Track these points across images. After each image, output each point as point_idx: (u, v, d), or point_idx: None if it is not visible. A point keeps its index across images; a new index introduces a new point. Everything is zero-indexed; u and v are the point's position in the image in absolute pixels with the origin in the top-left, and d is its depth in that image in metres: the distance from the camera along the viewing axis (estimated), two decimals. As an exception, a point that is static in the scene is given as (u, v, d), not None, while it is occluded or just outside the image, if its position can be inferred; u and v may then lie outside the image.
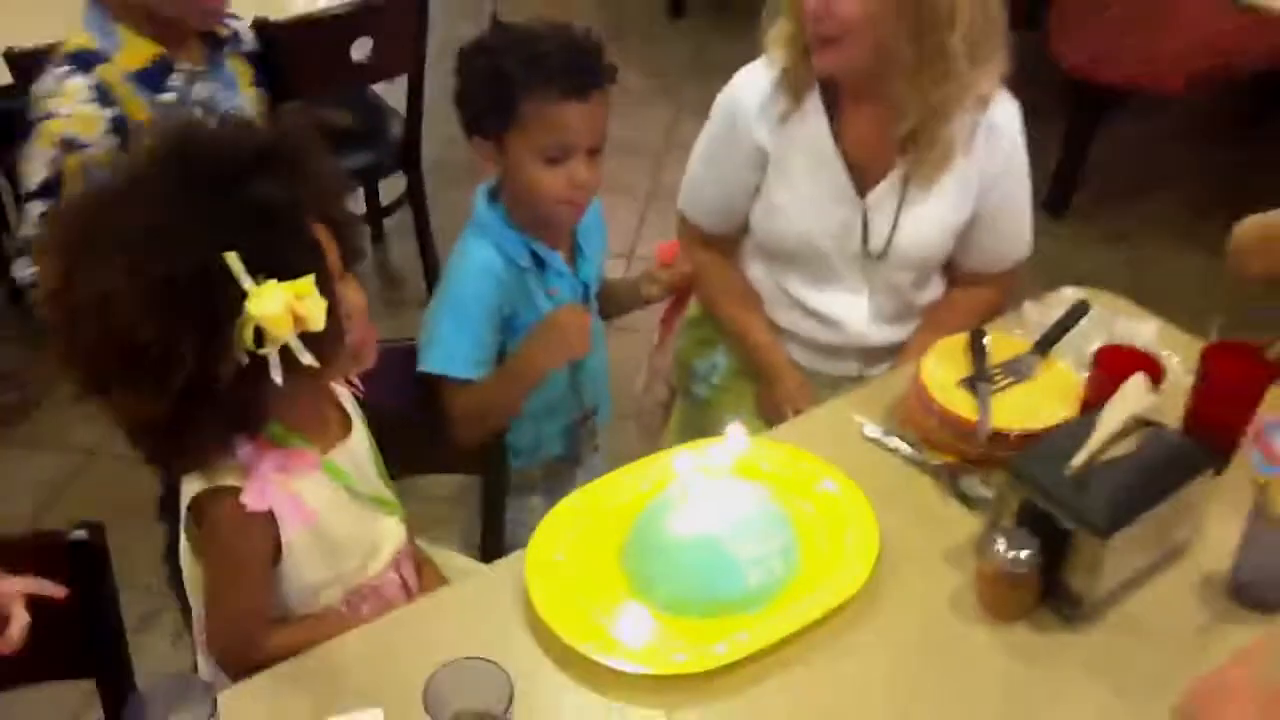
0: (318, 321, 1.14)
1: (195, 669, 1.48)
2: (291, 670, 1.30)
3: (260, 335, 1.12)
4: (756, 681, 1.29)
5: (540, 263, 1.69)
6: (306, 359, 1.15)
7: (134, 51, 1.85)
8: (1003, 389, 1.56)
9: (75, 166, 1.79)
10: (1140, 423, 1.37)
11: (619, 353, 2.01)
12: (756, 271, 1.96)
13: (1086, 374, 1.53)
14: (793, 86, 1.79)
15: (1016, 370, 1.59)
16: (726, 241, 1.97)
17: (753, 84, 1.83)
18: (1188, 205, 3.77)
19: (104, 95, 1.82)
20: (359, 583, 1.42)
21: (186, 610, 1.46)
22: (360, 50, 2.77)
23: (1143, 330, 1.72)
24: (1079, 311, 1.65)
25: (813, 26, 1.68)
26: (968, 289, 1.91)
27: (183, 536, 1.36)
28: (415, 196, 3.19)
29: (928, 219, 1.82)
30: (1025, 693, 1.29)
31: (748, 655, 1.29)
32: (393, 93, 3.11)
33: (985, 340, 1.62)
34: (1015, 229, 1.89)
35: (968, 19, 1.62)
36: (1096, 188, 3.83)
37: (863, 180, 1.81)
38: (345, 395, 1.44)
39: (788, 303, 1.92)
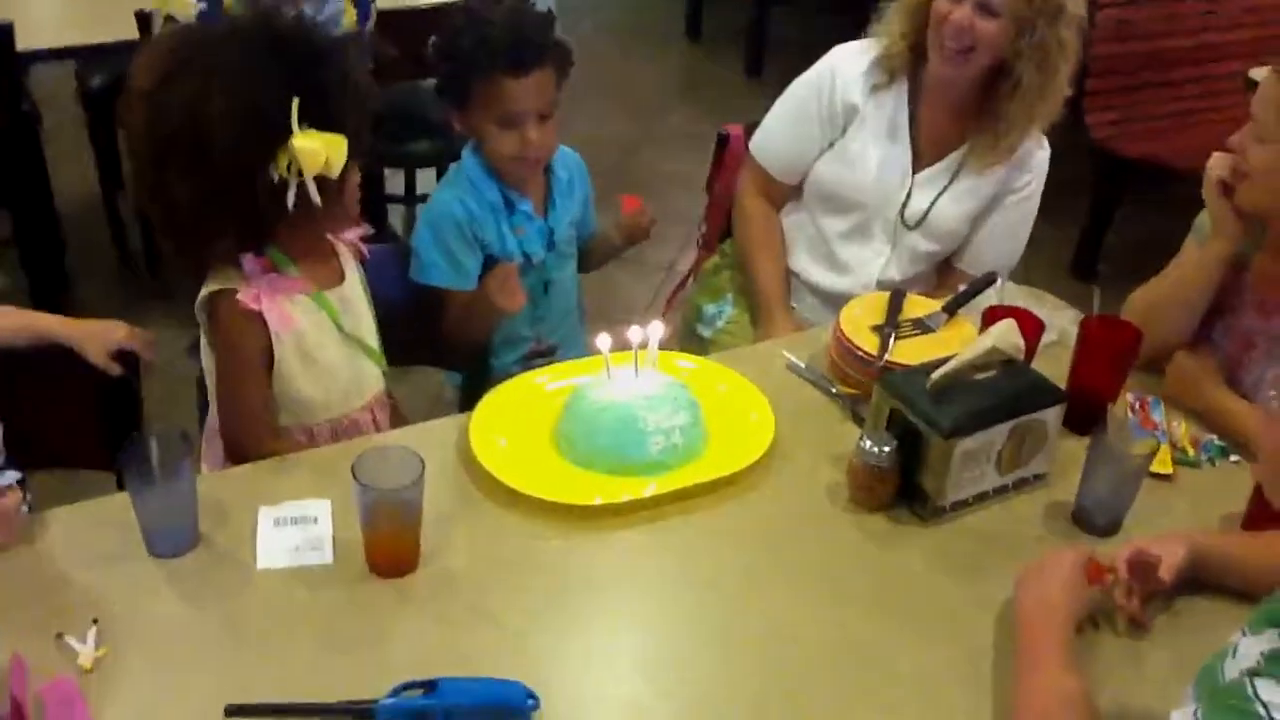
0: (336, 170, 1.47)
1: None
2: (268, 464, 1.59)
3: (289, 169, 1.45)
4: (647, 523, 1.55)
5: (510, 205, 1.99)
6: (315, 197, 1.47)
7: None
8: (908, 336, 1.80)
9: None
10: (1002, 358, 1.59)
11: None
12: (801, 219, 2.26)
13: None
14: (889, 67, 2.11)
15: (924, 325, 1.83)
16: (780, 192, 2.28)
17: (854, 55, 2.16)
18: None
19: None
20: (341, 414, 1.71)
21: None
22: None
23: (1060, 316, 1.94)
24: (987, 281, 1.88)
25: (952, 38, 1.99)
26: (948, 290, 2.14)
27: (202, 337, 1.67)
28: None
29: (959, 203, 2.13)
30: (873, 569, 1.51)
31: (649, 498, 1.56)
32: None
33: (902, 298, 1.86)
34: (1004, 248, 2.19)
35: (1077, 55, 1.97)
36: (1121, 261, 4.01)
37: (918, 160, 2.13)
38: (345, 254, 1.74)
39: (820, 246, 2.23)
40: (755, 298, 2.25)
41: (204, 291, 1.60)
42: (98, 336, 1.68)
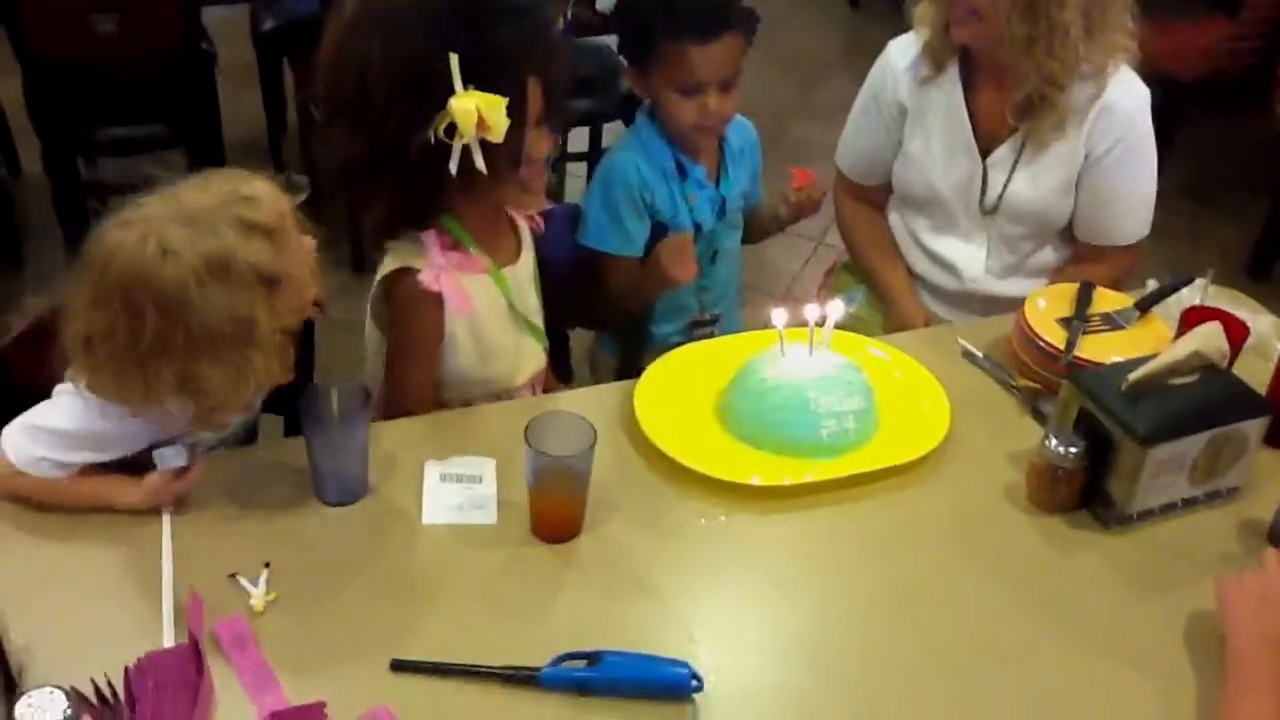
0: (498, 133, 1.41)
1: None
2: (438, 419, 1.59)
3: (451, 131, 1.40)
4: (813, 508, 1.50)
5: (683, 172, 1.94)
6: (479, 162, 1.42)
7: None
8: (1096, 331, 1.70)
9: None
10: (1205, 363, 1.50)
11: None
12: (894, 220, 2.18)
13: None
14: (934, 56, 2.01)
15: (1113, 321, 1.73)
16: (872, 194, 2.20)
17: (902, 51, 2.06)
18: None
19: None
20: (502, 389, 1.69)
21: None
22: (605, 4, 3.10)
23: (1258, 321, 1.82)
24: (1184, 280, 1.77)
25: (949, 7, 1.91)
26: (1081, 264, 2.05)
27: (368, 315, 1.66)
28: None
29: (1037, 180, 1.99)
30: (1050, 572, 1.44)
31: (813, 484, 1.51)
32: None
33: (1092, 291, 1.77)
34: (1125, 210, 2.02)
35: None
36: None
37: (986, 142, 2.01)
38: (524, 228, 1.71)
39: (917, 248, 2.14)
40: (881, 295, 2.18)
41: (384, 269, 1.57)
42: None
